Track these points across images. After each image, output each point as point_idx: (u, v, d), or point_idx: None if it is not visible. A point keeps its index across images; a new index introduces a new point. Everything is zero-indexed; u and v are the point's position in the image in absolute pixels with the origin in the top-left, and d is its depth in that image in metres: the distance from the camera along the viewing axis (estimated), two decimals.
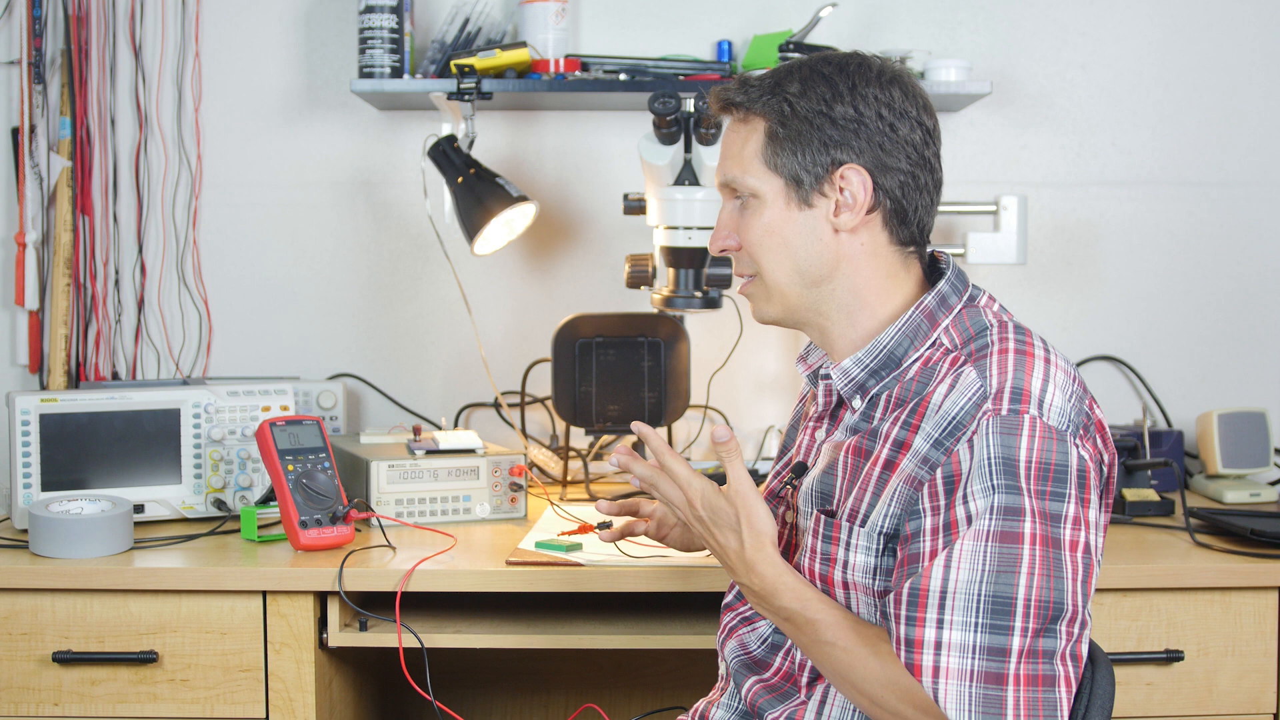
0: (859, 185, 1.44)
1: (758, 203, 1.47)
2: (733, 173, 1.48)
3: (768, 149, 1.46)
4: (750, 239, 1.48)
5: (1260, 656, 1.92)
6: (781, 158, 1.45)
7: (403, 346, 2.64)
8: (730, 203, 1.51)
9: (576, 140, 2.62)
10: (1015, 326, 1.42)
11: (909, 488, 1.35)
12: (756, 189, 1.47)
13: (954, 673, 1.27)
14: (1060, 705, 1.27)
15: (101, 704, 1.89)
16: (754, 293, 1.51)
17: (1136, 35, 2.61)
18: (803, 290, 1.48)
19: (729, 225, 1.50)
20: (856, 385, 1.46)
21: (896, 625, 1.31)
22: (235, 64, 2.60)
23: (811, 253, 1.46)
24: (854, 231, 1.46)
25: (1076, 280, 2.63)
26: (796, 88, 1.46)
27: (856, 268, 1.47)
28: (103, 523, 1.94)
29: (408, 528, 2.12)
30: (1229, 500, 2.31)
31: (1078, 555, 1.30)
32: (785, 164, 1.45)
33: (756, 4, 2.59)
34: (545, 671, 2.48)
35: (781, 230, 1.46)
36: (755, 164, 1.47)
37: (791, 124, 1.45)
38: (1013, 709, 1.25)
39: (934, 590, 1.28)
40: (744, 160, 1.47)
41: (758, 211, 1.47)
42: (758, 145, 1.47)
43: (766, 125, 1.46)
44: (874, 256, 1.48)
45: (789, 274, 1.47)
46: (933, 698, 1.27)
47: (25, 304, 2.52)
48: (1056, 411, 1.32)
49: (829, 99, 1.45)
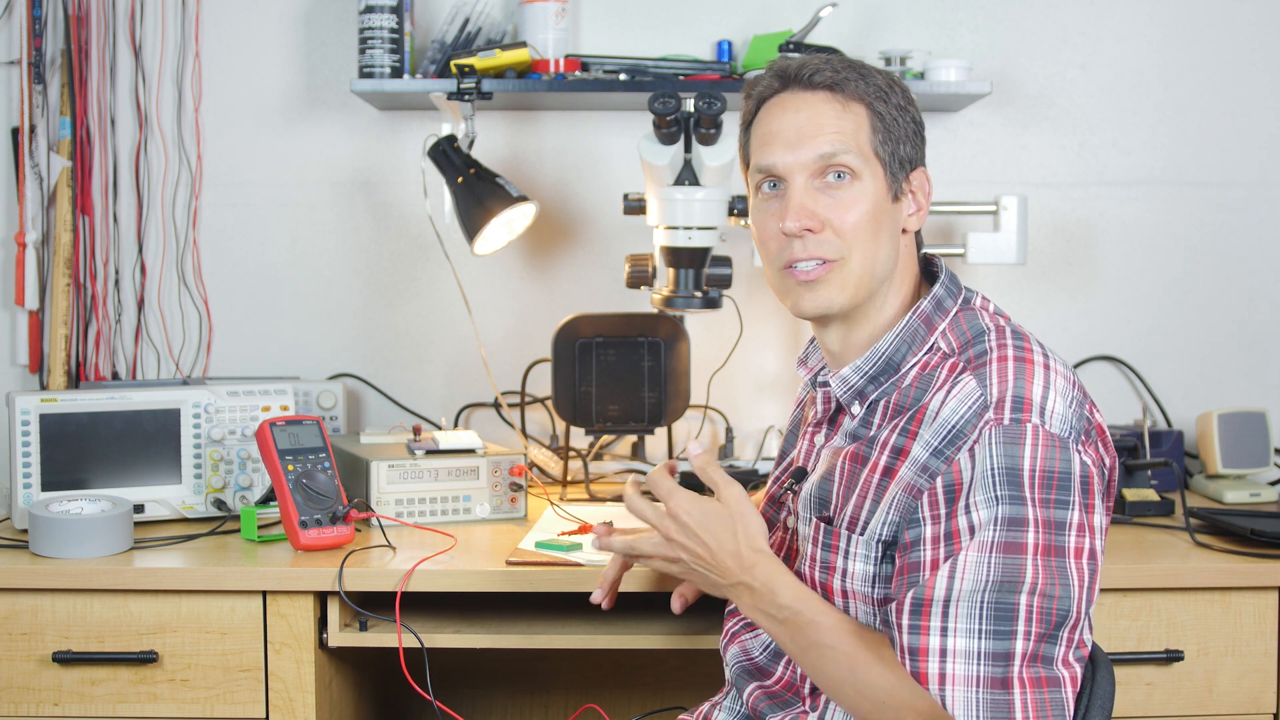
0: (928, 188, 1.48)
1: (859, 185, 1.43)
2: (835, 146, 1.42)
3: (874, 135, 1.43)
4: (849, 220, 1.42)
5: (1260, 656, 1.92)
6: (887, 146, 1.44)
7: (403, 346, 2.64)
8: (804, 180, 1.44)
9: (576, 140, 2.62)
10: (1013, 331, 1.41)
11: (908, 496, 1.34)
12: (862, 170, 1.43)
13: (960, 679, 1.27)
14: (1066, 705, 1.27)
15: (101, 704, 1.89)
16: (830, 278, 1.44)
17: (1136, 35, 2.61)
18: (874, 285, 1.45)
19: (810, 204, 1.43)
20: (855, 392, 1.46)
21: (900, 634, 1.30)
22: (235, 64, 2.60)
23: (892, 247, 1.45)
24: (908, 234, 1.48)
25: (1076, 280, 2.63)
26: (883, 80, 1.45)
27: (901, 269, 1.48)
28: (103, 523, 1.94)
29: (408, 528, 2.12)
30: (1229, 500, 2.31)
31: (1082, 562, 1.30)
32: (890, 153, 1.44)
33: (756, 4, 2.59)
34: (545, 671, 2.48)
35: (880, 218, 1.44)
36: (864, 145, 1.43)
37: (889, 116, 1.44)
38: (1020, 712, 1.25)
39: (938, 599, 1.28)
40: (846, 137, 1.42)
41: (861, 195, 1.43)
42: (864, 128, 1.43)
43: (869, 111, 1.43)
44: (908, 260, 1.49)
45: (875, 265, 1.44)
46: (940, 704, 1.26)
47: (25, 304, 2.52)
48: (1058, 419, 1.32)
49: (905, 103, 1.46)
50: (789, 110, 1.45)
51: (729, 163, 2.14)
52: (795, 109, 1.45)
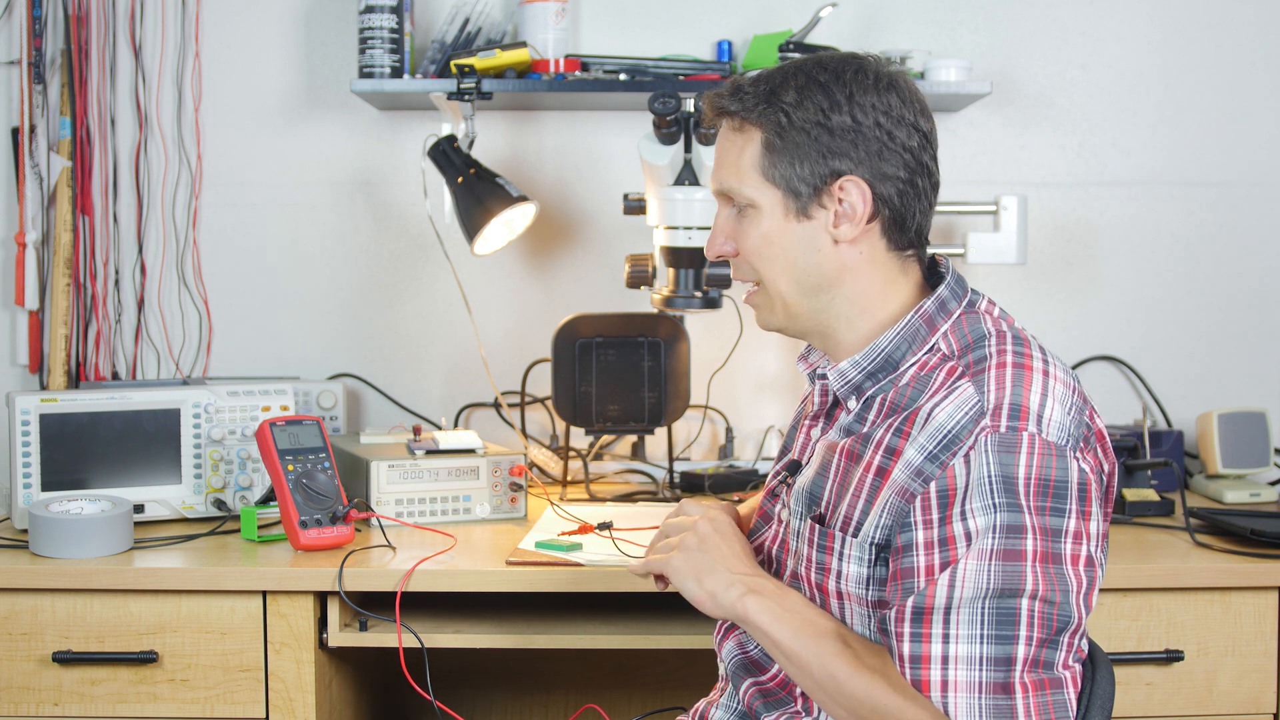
0: (858, 196, 1.42)
1: (755, 213, 1.45)
2: (729, 182, 1.46)
3: (764, 159, 1.43)
4: (748, 248, 1.47)
5: (1260, 656, 1.92)
6: (779, 169, 1.43)
7: (403, 346, 2.64)
8: (727, 209, 1.49)
9: (576, 140, 2.62)
10: (1014, 336, 1.40)
11: (900, 500, 1.34)
12: (754, 199, 1.44)
13: (963, 685, 1.26)
14: (1069, 705, 1.28)
15: (101, 704, 1.89)
16: (758, 302, 1.50)
17: (1136, 35, 2.61)
18: (803, 299, 1.47)
19: (726, 231, 1.49)
20: (852, 386, 1.46)
21: (899, 643, 1.30)
22: (235, 64, 2.60)
23: (811, 263, 1.45)
24: (853, 242, 1.44)
25: (1076, 280, 2.63)
26: (793, 96, 1.42)
27: (856, 276, 1.46)
28: (103, 523, 1.94)
29: (408, 528, 2.12)
30: (1229, 500, 2.31)
31: (1079, 569, 1.30)
32: (782, 175, 1.43)
33: (756, 4, 2.59)
34: (545, 671, 2.48)
35: (780, 241, 1.45)
36: (752, 174, 1.44)
37: (788, 135, 1.42)
38: (1024, 715, 1.25)
39: (938, 607, 1.28)
40: (740, 170, 1.45)
41: (755, 221, 1.45)
42: (754, 155, 1.44)
43: (763, 135, 1.43)
44: (873, 264, 1.46)
45: (789, 284, 1.46)
46: (943, 712, 1.26)
47: (25, 304, 2.52)
48: (1055, 426, 1.31)
49: (826, 109, 1.42)
50: (718, 138, 1.51)
51: None
52: (718, 137, 1.50)
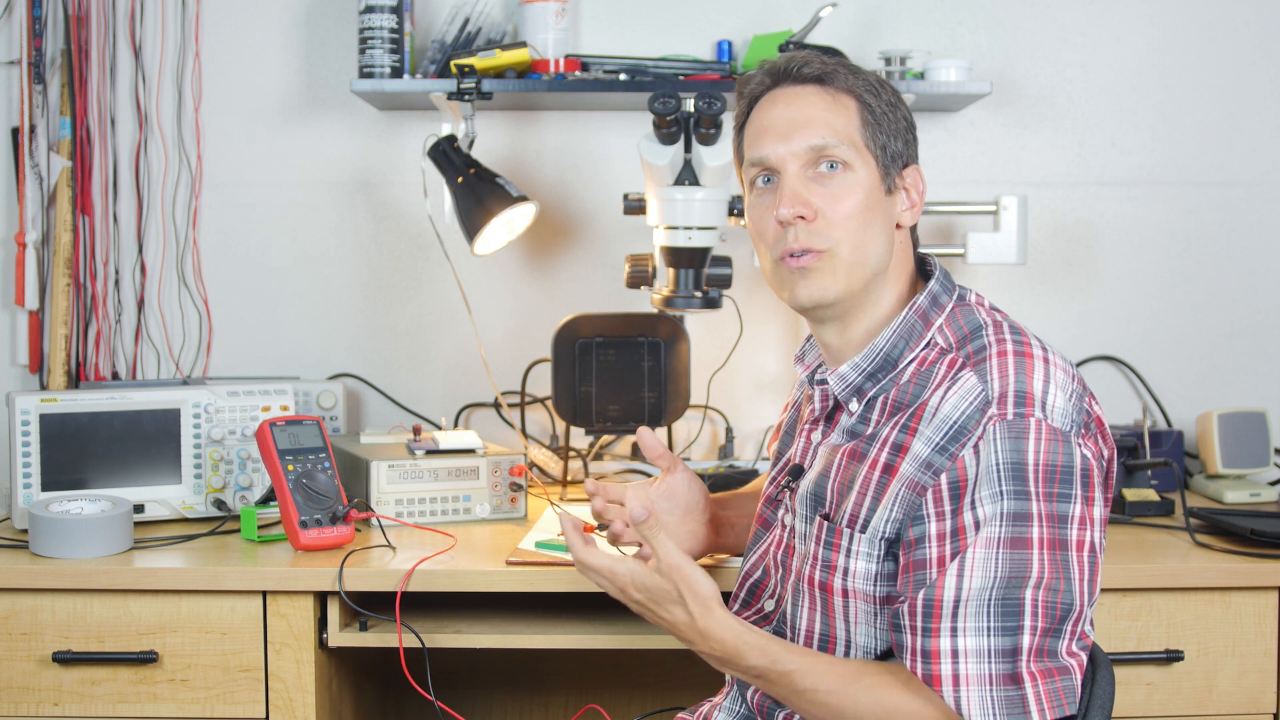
0: (921, 186, 1.47)
1: (851, 176, 1.43)
2: (826, 138, 1.43)
3: (864, 128, 1.43)
4: (841, 210, 1.42)
5: (1260, 656, 1.92)
6: (877, 140, 1.44)
7: (403, 346, 2.64)
8: (799, 171, 1.44)
9: (576, 140, 2.62)
10: (1010, 325, 1.41)
11: (911, 493, 1.34)
12: (853, 161, 1.43)
13: (974, 679, 1.27)
14: (1077, 690, 1.29)
15: (101, 704, 1.89)
16: (821, 267, 1.43)
17: (1136, 35, 2.61)
18: (867, 274, 1.45)
19: (803, 193, 1.43)
20: (853, 389, 1.46)
21: (911, 637, 1.30)
22: (235, 64, 2.60)
23: (884, 240, 1.45)
24: (904, 229, 1.48)
25: (1076, 280, 2.63)
26: (873, 77, 1.46)
27: (894, 264, 1.48)
28: (103, 523, 1.94)
29: (408, 528, 2.12)
30: (1229, 500, 2.31)
31: (1084, 554, 1.30)
32: (880, 146, 1.44)
33: (756, 4, 2.59)
34: (545, 671, 2.48)
35: (873, 209, 1.43)
36: (856, 137, 1.43)
37: (879, 111, 1.45)
38: (1035, 703, 1.26)
39: (947, 600, 1.28)
40: (838, 129, 1.43)
41: (852, 186, 1.43)
42: (854, 121, 1.43)
43: (858, 105, 1.44)
44: (903, 256, 1.49)
45: (867, 255, 1.43)
46: (954, 708, 1.27)
47: (25, 304, 2.52)
48: (1059, 412, 1.32)
49: (895, 101, 1.47)
50: (780, 104, 1.46)
51: (729, 163, 2.14)
52: (786, 102, 1.46)
